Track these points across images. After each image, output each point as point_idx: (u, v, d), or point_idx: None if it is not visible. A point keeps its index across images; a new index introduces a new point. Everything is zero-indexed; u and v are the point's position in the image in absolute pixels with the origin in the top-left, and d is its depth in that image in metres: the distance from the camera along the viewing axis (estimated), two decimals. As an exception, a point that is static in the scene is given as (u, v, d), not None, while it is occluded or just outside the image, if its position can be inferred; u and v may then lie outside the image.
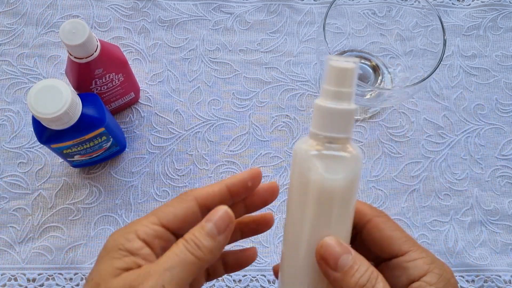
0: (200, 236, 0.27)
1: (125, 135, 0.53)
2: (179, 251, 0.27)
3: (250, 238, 0.49)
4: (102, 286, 0.26)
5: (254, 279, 0.49)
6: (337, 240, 0.27)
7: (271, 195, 0.32)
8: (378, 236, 0.30)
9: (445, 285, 0.28)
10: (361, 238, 0.31)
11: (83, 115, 0.42)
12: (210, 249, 0.27)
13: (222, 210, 0.28)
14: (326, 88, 0.26)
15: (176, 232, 0.29)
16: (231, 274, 0.48)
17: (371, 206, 0.31)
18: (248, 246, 0.36)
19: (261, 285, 0.49)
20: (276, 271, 0.32)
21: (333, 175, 0.25)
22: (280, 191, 0.51)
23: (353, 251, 0.27)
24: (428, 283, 0.28)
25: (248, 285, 0.49)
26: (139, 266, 0.27)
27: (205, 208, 0.30)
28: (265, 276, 0.49)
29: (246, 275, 0.49)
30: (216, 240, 0.28)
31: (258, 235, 0.35)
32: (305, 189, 0.26)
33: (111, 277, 0.26)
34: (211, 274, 0.34)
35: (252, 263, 0.35)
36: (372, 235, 0.30)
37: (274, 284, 0.49)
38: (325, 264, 0.26)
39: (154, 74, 0.56)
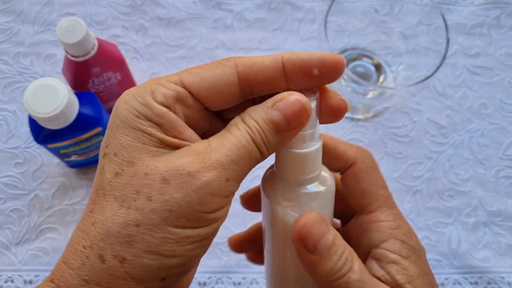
0: (265, 128, 0.22)
1: (123, 135, 0.52)
2: (246, 141, 0.21)
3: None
4: (139, 165, 0.21)
5: (254, 281, 0.48)
6: (320, 216, 0.23)
7: (339, 111, 0.24)
8: (353, 185, 0.27)
9: (408, 252, 0.25)
10: (342, 183, 0.28)
11: (80, 115, 0.41)
12: (274, 147, 0.22)
13: (298, 102, 0.22)
14: None
15: (201, 100, 0.23)
16: (230, 276, 0.48)
17: (359, 148, 0.27)
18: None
19: None
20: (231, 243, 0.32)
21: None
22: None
23: (331, 228, 0.23)
24: (390, 250, 0.25)
25: (248, 288, 0.48)
26: (172, 137, 0.22)
27: (246, 83, 0.23)
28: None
29: (246, 277, 0.48)
30: (281, 137, 0.22)
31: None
32: (283, 232, 0.25)
33: (145, 155, 0.21)
34: None
35: (252, 265, 0.33)
36: (348, 182, 0.27)
37: (275, 286, 0.48)
38: (302, 245, 0.23)
39: (152, 73, 0.55)
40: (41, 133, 0.42)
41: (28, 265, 0.48)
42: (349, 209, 0.28)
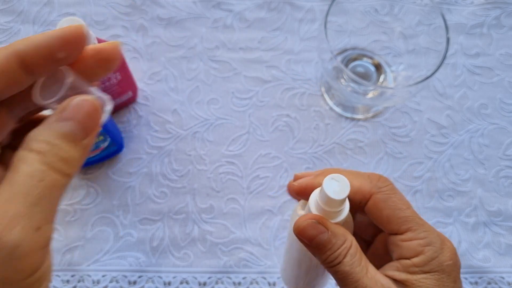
0: (61, 146, 0.19)
1: (123, 135, 0.53)
2: (41, 174, 0.18)
3: (248, 238, 0.49)
4: None
5: (254, 281, 0.48)
6: (313, 223, 0.27)
7: (107, 62, 0.21)
8: (377, 215, 0.28)
9: (432, 269, 0.26)
10: (367, 214, 0.30)
11: (79, 115, 0.41)
12: (79, 162, 0.20)
13: (88, 103, 0.19)
14: (322, 207, 0.27)
15: None
16: (230, 276, 0.48)
17: (373, 179, 0.29)
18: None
19: (261, 288, 0.48)
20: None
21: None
22: (283, 192, 0.50)
23: (332, 228, 0.27)
24: (414, 264, 0.27)
25: (248, 288, 0.48)
26: None
27: (22, 66, 0.19)
28: (265, 278, 0.48)
29: (246, 277, 0.48)
30: (81, 148, 0.20)
31: (258, 236, 0.33)
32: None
33: None
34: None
35: (252, 265, 0.33)
36: (372, 213, 0.29)
37: (274, 286, 0.48)
38: (303, 241, 0.28)
39: (152, 73, 0.55)
40: (40, 133, 0.42)
41: (27, 265, 0.48)
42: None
